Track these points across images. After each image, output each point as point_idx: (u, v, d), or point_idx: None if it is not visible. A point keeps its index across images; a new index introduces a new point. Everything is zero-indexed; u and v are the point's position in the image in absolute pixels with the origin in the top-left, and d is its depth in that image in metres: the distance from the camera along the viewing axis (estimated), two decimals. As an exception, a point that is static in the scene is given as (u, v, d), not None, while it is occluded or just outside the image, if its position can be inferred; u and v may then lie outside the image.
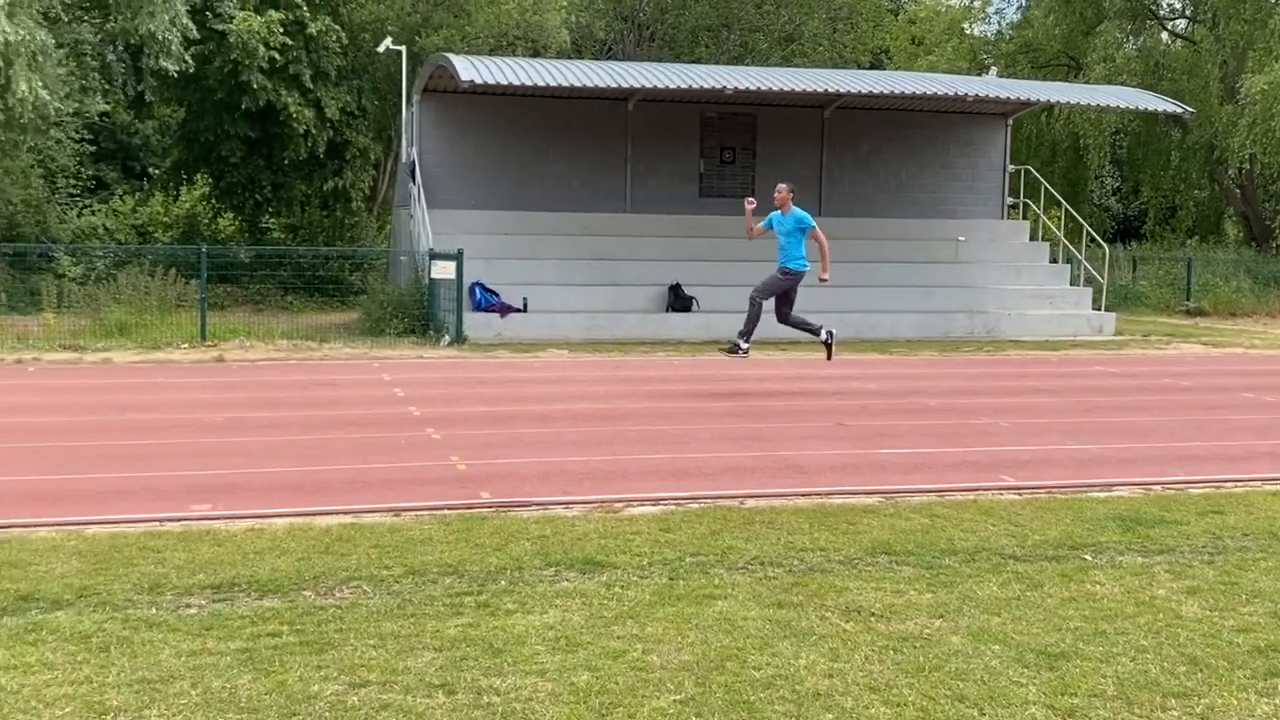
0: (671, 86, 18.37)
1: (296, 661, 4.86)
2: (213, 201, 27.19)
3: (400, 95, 22.35)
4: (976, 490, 8.29)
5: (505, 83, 17.61)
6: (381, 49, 21.69)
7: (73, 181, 29.41)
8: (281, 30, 22.77)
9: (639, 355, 16.69)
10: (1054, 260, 23.57)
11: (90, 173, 30.37)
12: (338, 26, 23.99)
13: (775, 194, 12.43)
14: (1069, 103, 25.33)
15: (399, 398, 12.09)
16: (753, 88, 18.43)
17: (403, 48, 21.52)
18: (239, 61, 22.65)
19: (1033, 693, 4.68)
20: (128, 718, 4.33)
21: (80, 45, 21.96)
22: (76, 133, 28.28)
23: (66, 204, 28.64)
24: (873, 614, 5.58)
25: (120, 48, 22.20)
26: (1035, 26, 35.56)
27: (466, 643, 5.10)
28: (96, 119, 27.98)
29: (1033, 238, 23.88)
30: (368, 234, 26.95)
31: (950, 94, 19.97)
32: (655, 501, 7.75)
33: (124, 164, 32.51)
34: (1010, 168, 24.10)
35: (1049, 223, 25.42)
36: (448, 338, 16.54)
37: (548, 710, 4.44)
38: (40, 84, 19.67)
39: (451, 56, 18.56)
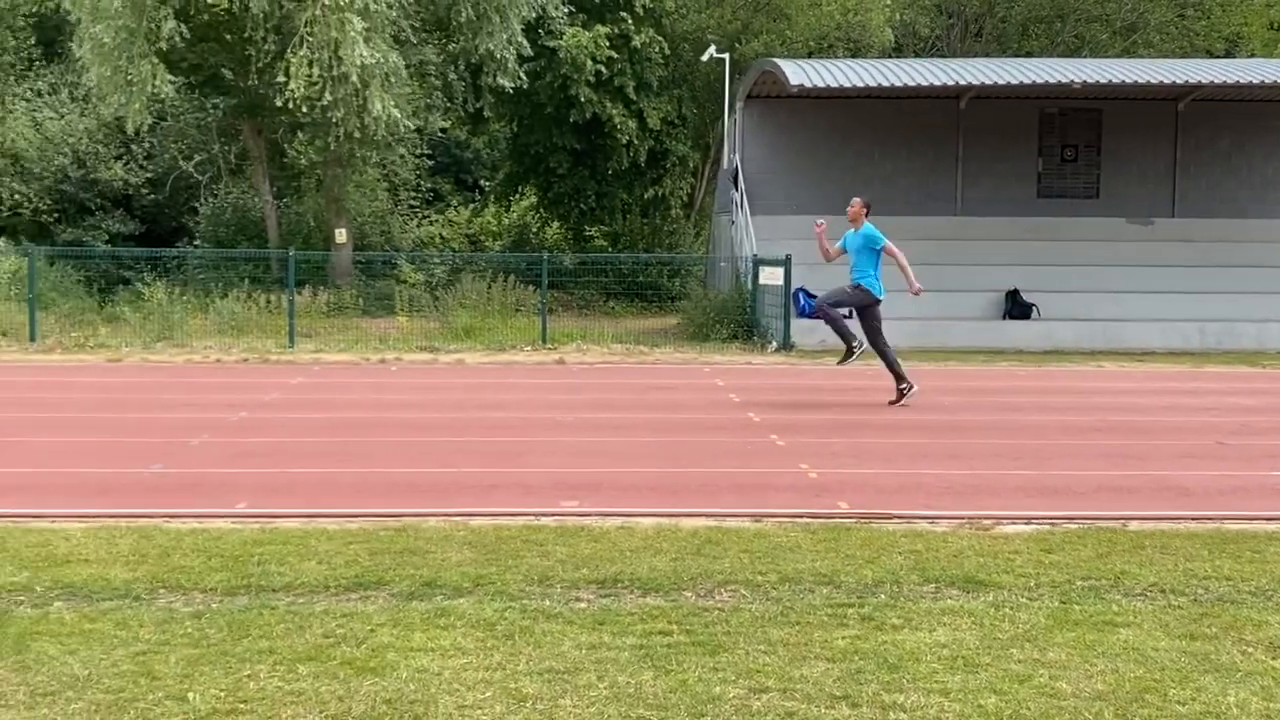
0: (1010, 83, 17.59)
1: (693, 662, 4.88)
2: (541, 211, 28.44)
3: (720, 102, 22.60)
4: (1401, 521, 7.38)
5: (835, 85, 17.43)
6: (705, 57, 21.99)
7: (413, 194, 31.63)
8: (608, 44, 23.52)
9: (977, 365, 16.09)
10: None
11: (428, 185, 32.55)
12: (660, 38, 24.55)
13: (848, 209, 11.80)
14: None
15: (735, 403, 12.14)
16: (1102, 80, 17.36)
17: (726, 55, 21.73)
18: (568, 76, 23.57)
19: None
20: (543, 706, 4.45)
21: (425, 66, 23.52)
22: (416, 148, 30.38)
23: (407, 215, 30.83)
24: (1305, 653, 5.04)
25: (461, 67, 23.59)
26: None
27: (859, 655, 4.98)
28: (435, 135, 29.95)
29: None
30: (685, 240, 27.42)
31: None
32: (1028, 520, 7.38)
33: (457, 177, 34.60)
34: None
35: None
36: (775, 343, 16.51)
37: (962, 732, 4.24)
38: (392, 103, 21.22)
39: (779, 62, 18.57)
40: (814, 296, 18.02)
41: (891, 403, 11.89)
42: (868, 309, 11.80)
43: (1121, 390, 13.52)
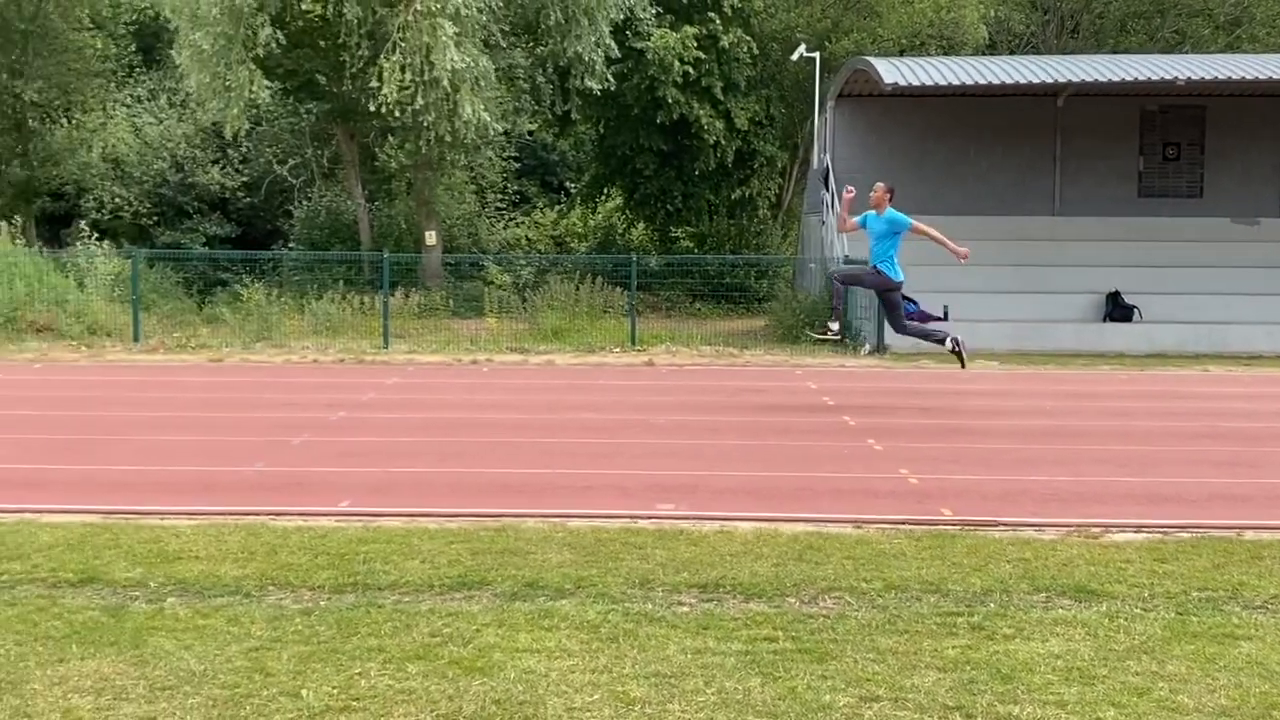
0: (1111, 80, 17.17)
1: (801, 669, 4.83)
2: (627, 213, 28.48)
3: (809, 102, 22.42)
4: None
5: (930, 84, 17.18)
6: (795, 56, 21.83)
7: (499, 196, 31.91)
8: (695, 45, 23.46)
9: (1078, 368, 15.72)
10: None
11: (514, 188, 32.81)
12: (749, 38, 24.43)
13: (871, 193, 11.61)
14: None
15: (829, 406, 12.02)
16: (1207, 77, 16.86)
17: (816, 55, 21.56)
18: (655, 77, 23.57)
19: None
20: (651, 710, 4.43)
21: (514, 69, 23.69)
22: (503, 151, 30.64)
23: (494, 217, 31.11)
24: None
25: (549, 69, 23.71)
26: None
27: (970, 665, 4.89)
28: (522, 138, 30.18)
29: None
30: (773, 241, 27.26)
31: None
32: (1138, 528, 7.19)
33: (543, 179, 34.82)
34: None
35: None
36: (868, 346, 16.31)
37: (1083, 746, 4.14)
38: (481, 107, 21.41)
39: (873, 60, 18.37)
40: (909, 299, 17.74)
41: (958, 354, 11.84)
42: (887, 294, 11.66)
43: (1229, 395, 13.12)
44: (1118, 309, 18.00)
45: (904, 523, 7.28)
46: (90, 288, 19.45)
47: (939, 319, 12.33)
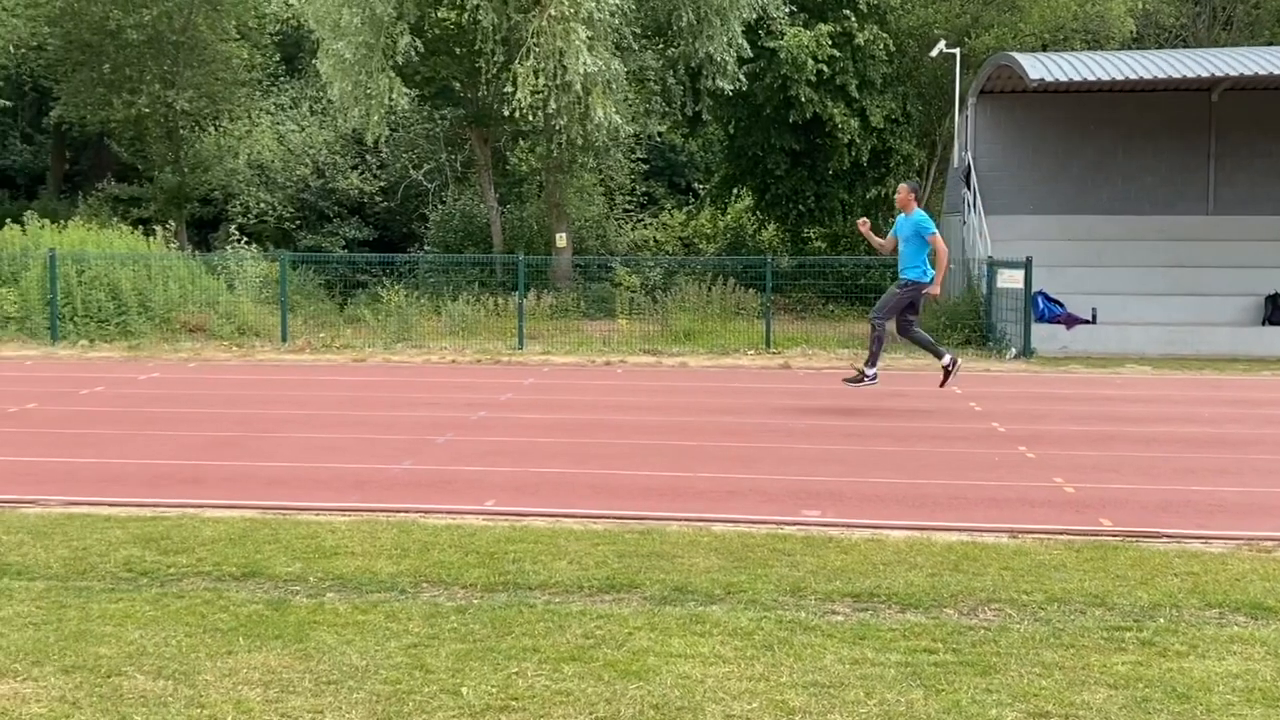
0: (1272, 72, 16.36)
1: (964, 683, 4.69)
2: (757, 213, 28.29)
3: (947, 99, 21.93)
4: None
5: (1079, 79, 16.61)
6: (934, 53, 21.38)
7: (627, 198, 32.04)
8: (830, 43, 23.17)
9: (1236, 374, 15.04)
10: None
11: (642, 189, 32.90)
12: (885, 35, 24.01)
13: (895, 195, 11.30)
14: None
15: (976, 412, 11.71)
16: (1378, 68, 15.98)
17: (956, 50, 21.08)
18: (788, 76, 23.34)
19: None
20: (811, 721, 4.35)
21: (644, 71, 23.73)
22: (632, 152, 30.74)
23: (622, 219, 31.24)
24: None
25: (680, 71, 23.69)
26: None
27: (1143, 683, 4.68)
28: (651, 139, 30.23)
29: None
30: (910, 242, 26.66)
31: None
32: (1316, 542, 6.80)
33: (670, 180, 34.84)
34: None
35: None
36: (1013, 350, 15.85)
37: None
38: (613, 109, 21.51)
39: (1017, 56, 17.86)
40: (1055, 301, 17.28)
41: (947, 372, 11.51)
42: (916, 299, 11.42)
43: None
44: (1278, 311, 17.14)
45: (1062, 533, 7.04)
46: (239, 289, 20.15)
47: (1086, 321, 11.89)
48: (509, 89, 21.32)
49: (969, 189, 19.33)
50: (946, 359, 11.56)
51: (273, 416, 11.22)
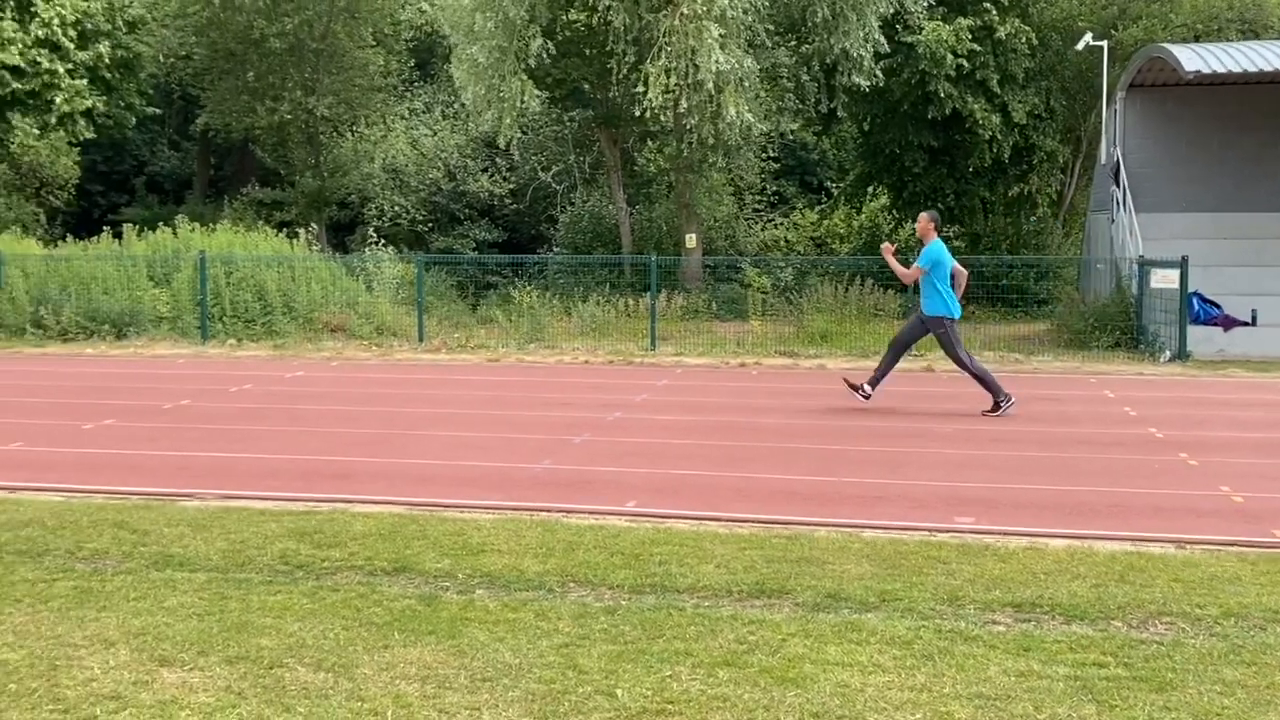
0: None
1: (1139, 699, 4.48)
2: (893, 212, 27.78)
3: (1093, 93, 21.17)
4: None
5: (1237, 70, 15.84)
6: (1080, 46, 20.68)
7: (757, 198, 31.78)
8: (969, 37, 22.60)
9: None
10: None
11: (773, 189, 32.60)
12: (1027, 28, 23.31)
13: (917, 225, 11.44)
14: None
15: (1131, 417, 11.24)
16: None
17: (1103, 43, 20.33)
18: (926, 71, 22.84)
19: None
20: (981, 736, 4.18)
21: (777, 68, 23.48)
22: (763, 151, 30.48)
23: (752, 219, 31.00)
24: None
25: (815, 67, 23.38)
26: None
27: (1338, 708, 4.36)
28: (783, 138, 29.93)
29: None
30: (1053, 241, 25.90)
31: None
32: None
33: (802, 179, 34.44)
34: None
35: None
36: (1167, 353, 15.18)
37: None
38: (745, 108, 21.34)
39: (1170, 47, 17.13)
40: (1210, 303, 16.51)
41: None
42: (940, 333, 11.27)
43: None
44: None
45: (1233, 544, 6.69)
46: (377, 290, 20.58)
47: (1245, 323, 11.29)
48: (640, 89, 21.34)
49: (1118, 186, 18.60)
50: (866, 391, 11.55)
51: (414, 415, 11.38)
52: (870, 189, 28.31)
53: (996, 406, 11.09)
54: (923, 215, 11.64)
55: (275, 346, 17.84)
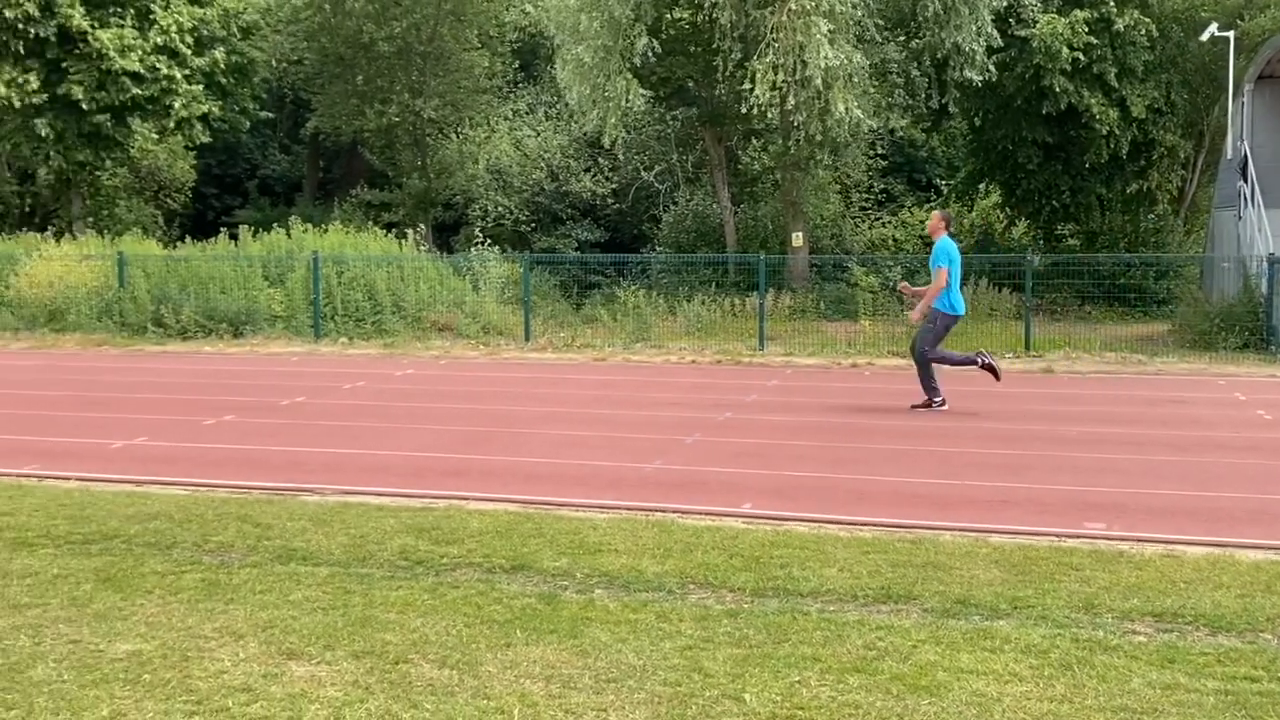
0: None
1: (1298, 718, 4.20)
2: (1006, 210, 27.15)
3: (1216, 86, 20.40)
4: None
5: (1377, 58, 15.08)
6: (1204, 37, 19.94)
7: (864, 195, 31.34)
8: (1086, 29, 21.96)
9: None
10: None
11: (880, 186, 32.12)
12: (1147, 19, 22.55)
13: (929, 223, 11.45)
14: None
15: (1266, 421, 10.76)
16: None
17: (1229, 34, 19.57)
18: (1040, 65, 22.26)
19: None
20: (1129, 752, 3.97)
21: (887, 63, 23.09)
22: (872, 147, 30.05)
23: (859, 217, 30.57)
24: None
25: (926, 62, 22.94)
26: None
27: None
28: (889, 135, 29.46)
29: None
30: (1174, 239, 25.04)
31: None
32: None
33: (909, 176, 33.89)
34: None
35: None
36: (1300, 354, 14.57)
37: None
38: (854, 104, 21.02)
39: (1302, 36, 16.40)
40: None
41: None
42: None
43: None
44: None
45: (1391, 556, 6.31)
46: (483, 290, 20.75)
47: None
48: (746, 86, 21.17)
49: (1245, 181, 17.88)
50: (979, 361, 11.42)
51: (523, 413, 11.41)
52: (981, 186, 27.71)
53: (929, 404, 11.24)
54: (936, 213, 11.63)
55: (385, 345, 18.10)
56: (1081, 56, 22.01)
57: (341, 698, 4.39)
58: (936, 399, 11.25)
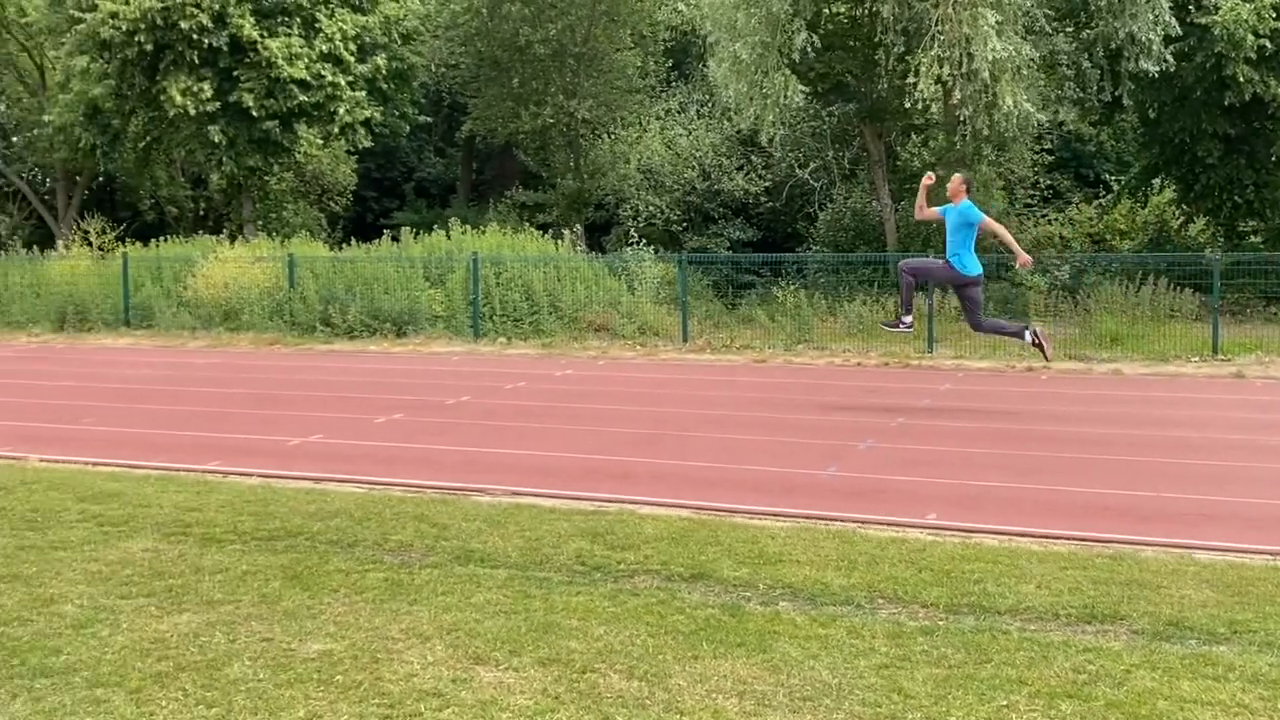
0: None
1: None
2: (1182, 206, 25.86)
3: None
4: None
5: None
6: None
7: (1029, 192, 30.22)
8: (1274, 15, 20.70)
9: None
10: None
11: (1046, 183, 30.95)
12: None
13: (949, 185, 11.31)
14: None
15: None
16: None
17: None
18: (1222, 54, 21.06)
19: None
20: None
21: (1056, 55, 22.18)
22: (1038, 141, 28.95)
23: (1023, 214, 29.49)
24: None
25: (1098, 53, 21.96)
26: None
27: None
28: (1059, 128, 28.34)
29: None
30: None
31: None
32: None
33: (1077, 172, 32.58)
34: None
35: None
36: None
37: None
38: (1023, 97, 20.25)
39: None
40: None
41: (1039, 347, 11.41)
42: (963, 289, 11.37)
43: None
44: None
45: None
46: (639, 290, 20.72)
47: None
48: (909, 80, 20.61)
49: None
50: (1027, 335, 11.46)
51: (687, 415, 11.27)
52: (1155, 182, 26.42)
53: (896, 322, 11.67)
54: (957, 176, 11.62)
55: (543, 345, 18.22)
56: (1268, 44, 20.73)
57: (532, 707, 4.30)
58: (906, 319, 11.58)
